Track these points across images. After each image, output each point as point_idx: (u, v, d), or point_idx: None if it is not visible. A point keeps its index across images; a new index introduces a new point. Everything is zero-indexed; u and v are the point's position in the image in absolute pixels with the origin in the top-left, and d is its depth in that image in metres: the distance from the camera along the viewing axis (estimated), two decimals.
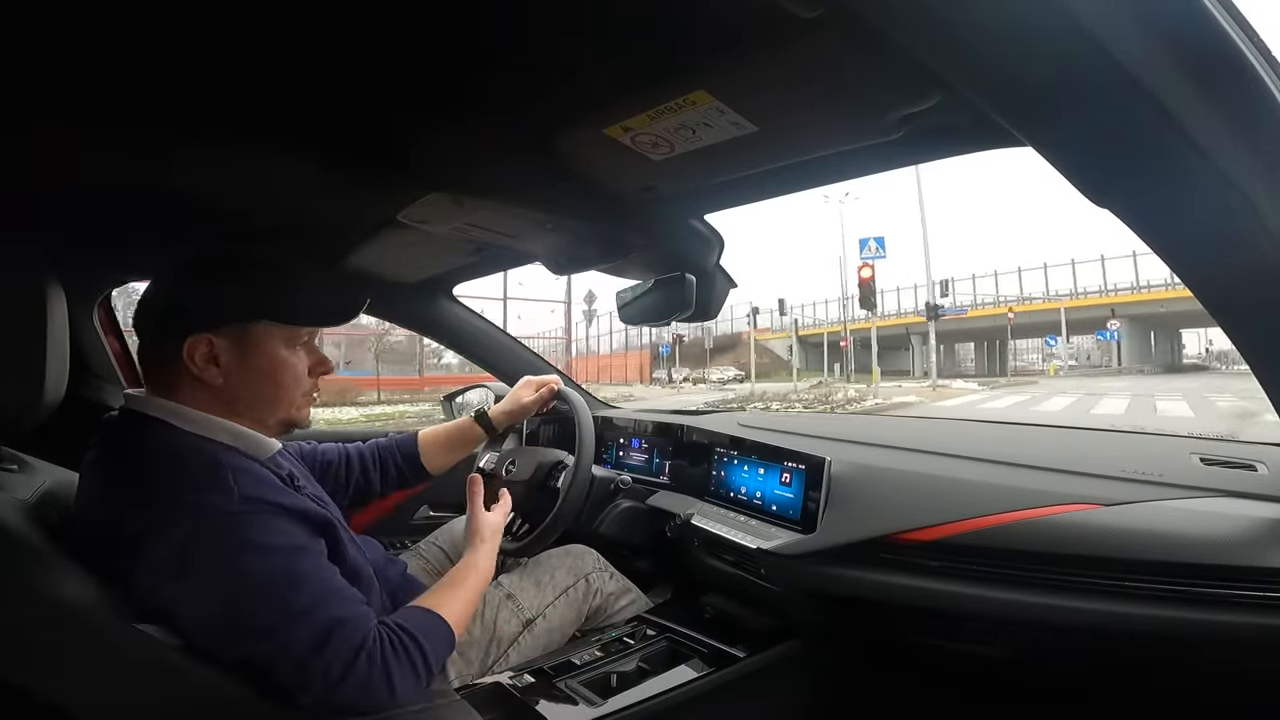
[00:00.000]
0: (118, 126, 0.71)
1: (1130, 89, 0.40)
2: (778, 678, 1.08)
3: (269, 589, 0.61)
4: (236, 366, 0.70)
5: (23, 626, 0.56)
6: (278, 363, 0.72)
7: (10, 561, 0.56)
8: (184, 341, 0.68)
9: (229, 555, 0.60)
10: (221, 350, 0.69)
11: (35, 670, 0.56)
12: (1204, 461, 0.89)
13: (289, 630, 0.61)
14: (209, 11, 0.50)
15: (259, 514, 0.63)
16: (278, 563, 0.62)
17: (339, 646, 0.62)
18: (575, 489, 1.16)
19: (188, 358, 0.68)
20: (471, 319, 1.66)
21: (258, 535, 0.62)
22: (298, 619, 0.61)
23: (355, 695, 0.62)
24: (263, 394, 0.72)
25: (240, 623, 0.60)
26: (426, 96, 0.65)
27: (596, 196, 0.84)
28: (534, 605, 1.07)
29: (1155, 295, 24.28)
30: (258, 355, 0.71)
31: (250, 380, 0.71)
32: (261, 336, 0.71)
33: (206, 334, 0.68)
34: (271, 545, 0.62)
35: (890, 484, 0.99)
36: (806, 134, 0.66)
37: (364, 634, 0.64)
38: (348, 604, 0.66)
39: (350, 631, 0.63)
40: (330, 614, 0.63)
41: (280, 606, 0.61)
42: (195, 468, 0.64)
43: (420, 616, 0.72)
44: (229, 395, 0.70)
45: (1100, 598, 0.78)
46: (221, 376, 0.69)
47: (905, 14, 0.39)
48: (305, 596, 0.62)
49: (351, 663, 0.62)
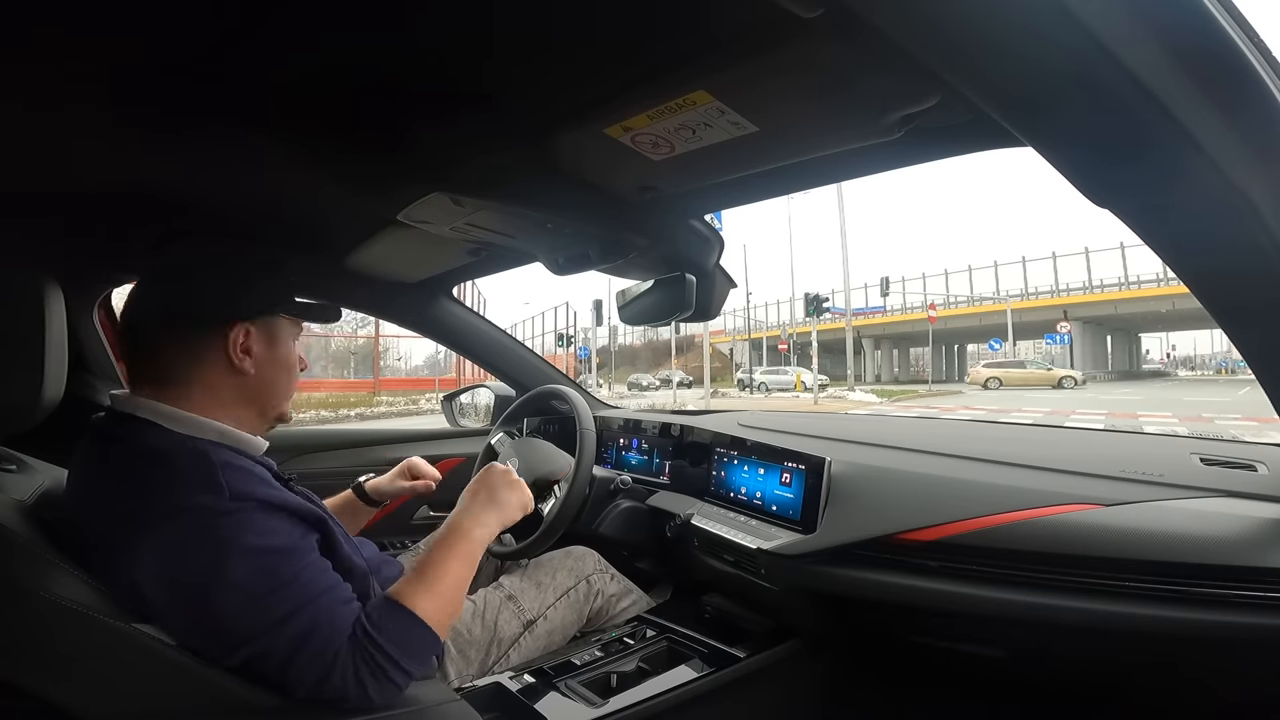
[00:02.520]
0: (118, 126, 0.71)
1: (1130, 89, 0.40)
2: (778, 678, 1.08)
3: (251, 596, 0.60)
4: (266, 356, 0.73)
5: (20, 627, 0.56)
6: (290, 355, 0.77)
7: (8, 562, 0.56)
8: (228, 331, 0.70)
9: (214, 559, 0.59)
10: (255, 340, 0.72)
11: (33, 671, 0.56)
12: (1204, 462, 0.89)
13: (268, 638, 0.60)
14: (209, 11, 0.50)
15: (249, 512, 0.62)
16: (261, 566, 0.61)
17: (311, 656, 0.61)
18: (575, 490, 1.16)
19: (231, 346, 0.70)
20: (471, 319, 1.66)
21: (245, 536, 0.61)
22: (276, 626, 0.61)
23: (336, 698, 0.63)
24: (279, 384, 0.76)
25: (223, 626, 0.60)
26: (427, 96, 0.65)
27: (596, 196, 0.84)
28: (535, 606, 1.07)
29: (1110, 295, 23.63)
30: (280, 346, 0.75)
31: (274, 370, 0.74)
32: (282, 328, 0.76)
33: (245, 323, 0.71)
34: (257, 547, 0.62)
35: (890, 484, 0.99)
36: (806, 134, 0.66)
37: (337, 645, 0.62)
38: (328, 608, 0.64)
39: (322, 644, 0.62)
40: (306, 623, 0.62)
41: (260, 612, 0.60)
42: (183, 467, 0.63)
43: (398, 621, 0.67)
44: (254, 384, 0.72)
45: (1100, 598, 0.78)
46: (254, 366, 0.72)
47: (905, 14, 0.39)
48: (286, 602, 0.61)
49: (324, 675, 0.62)
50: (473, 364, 1.97)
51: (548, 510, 1.18)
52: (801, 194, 8.80)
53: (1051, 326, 23.50)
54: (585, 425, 1.23)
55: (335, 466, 1.58)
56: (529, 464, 1.27)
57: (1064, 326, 22.92)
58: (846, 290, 19.40)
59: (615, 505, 1.28)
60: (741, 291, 29.38)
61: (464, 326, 1.65)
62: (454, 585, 0.75)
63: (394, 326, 2.19)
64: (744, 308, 31.76)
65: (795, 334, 26.66)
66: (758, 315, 35.02)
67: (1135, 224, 0.54)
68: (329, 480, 1.50)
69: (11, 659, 0.56)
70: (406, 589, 0.71)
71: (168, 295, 0.72)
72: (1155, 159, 0.47)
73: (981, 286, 29.83)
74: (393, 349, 20.52)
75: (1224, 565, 0.72)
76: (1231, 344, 0.67)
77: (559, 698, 0.94)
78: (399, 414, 12.10)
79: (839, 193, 18.75)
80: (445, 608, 0.73)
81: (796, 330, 26.92)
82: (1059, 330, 23.06)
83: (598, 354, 22.36)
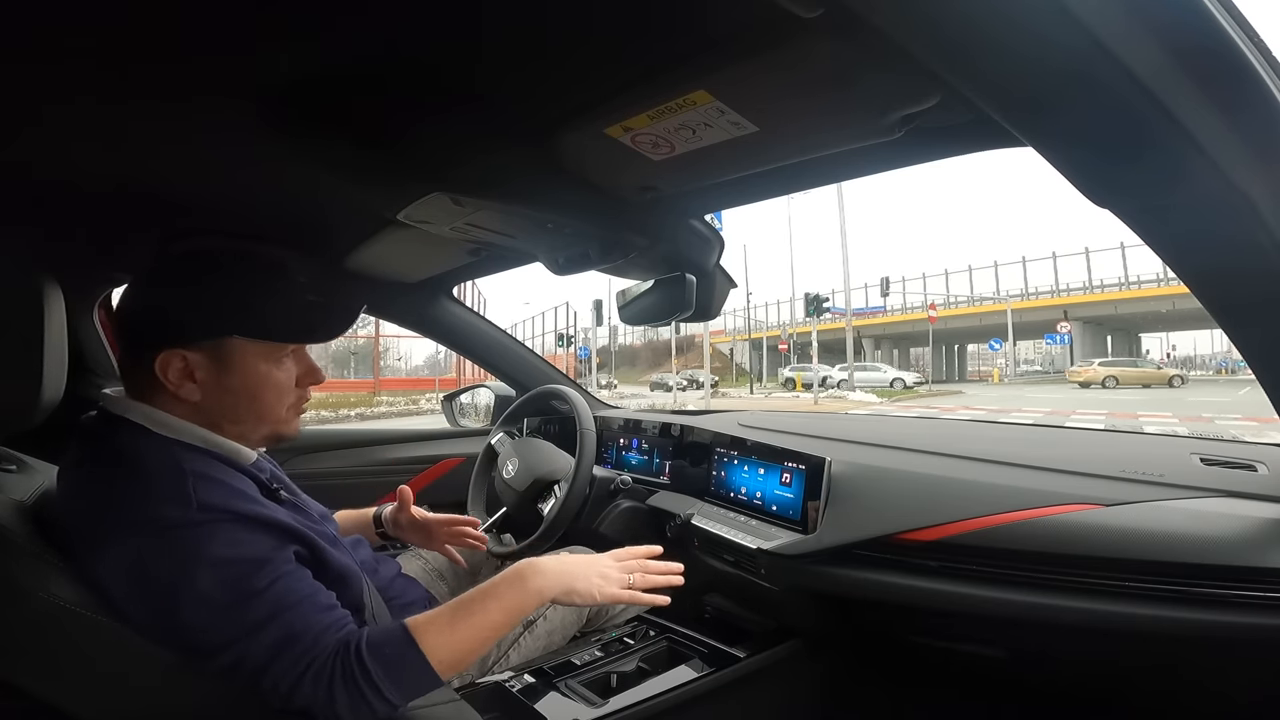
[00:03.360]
0: (118, 125, 0.71)
1: (1131, 89, 0.40)
2: (778, 678, 1.08)
3: (222, 605, 0.58)
4: (213, 383, 0.65)
5: (20, 627, 0.56)
6: (258, 379, 0.67)
7: (8, 562, 0.56)
8: (157, 355, 0.64)
9: (179, 571, 0.58)
10: (197, 365, 0.65)
11: (32, 671, 0.56)
12: (1204, 462, 0.89)
13: (245, 644, 0.59)
14: (208, 10, 0.50)
15: (215, 524, 0.60)
16: (229, 576, 0.59)
17: (286, 664, 0.59)
18: (575, 490, 1.16)
19: (160, 373, 0.64)
20: (471, 319, 1.66)
21: (211, 547, 0.59)
22: (250, 634, 0.59)
23: (305, 707, 0.60)
24: (242, 411, 0.68)
25: (195, 636, 0.58)
26: (427, 96, 0.65)
27: (596, 196, 0.84)
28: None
29: (1110, 295, 23.53)
30: (236, 372, 0.66)
31: (228, 397, 0.66)
32: (239, 351, 0.66)
33: (179, 349, 0.64)
34: (225, 558, 0.59)
35: (890, 484, 0.99)
36: (806, 134, 0.66)
37: (314, 655, 0.60)
38: (305, 616, 0.61)
39: (300, 652, 0.60)
40: (282, 631, 0.60)
41: (235, 620, 0.59)
42: (157, 475, 0.61)
43: (396, 649, 0.63)
44: (207, 410, 0.66)
45: (1100, 598, 0.78)
46: (199, 392, 0.65)
47: (905, 14, 0.39)
48: (259, 610, 0.59)
49: (295, 684, 0.59)
50: (473, 364, 1.97)
51: (548, 510, 1.18)
52: (801, 194, 8.83)
53: (1051, 326, 23.47)
54: (585, 425, 1.23)
55: (335, 466, 1.58)
56: (529, 464, 1.27)
57: (1064, 326, 22.88)
58: (846, 290, 19.38)
59: (615, 505, 1.28)
60: (741, 291, 29.33)
61: (464, 326, 1.65)
62: (482, 632, 0.67)
63: (394, 326, 2.19)
64: (744, 308, 31.78)
65: (795, 334, 26.61)
66: (758, 315, 35.04)
67: (1135, 224, 0.54)
68: (329, 480, 1.51)
69: (11, 659, 0.56)
70: (426, 625, 0.65)
71: (121, 305, 0.69)
72: (1155, 159, 0.47)
73: (981, 286, 29.83)
74: (393, 349, 20.49)
75: (1224, 565, 0.72)
76: (1231, 344, 0.67)
77: (559, 698, 0.94)
78: (399, 414, 12.12)
79: (839, 193, 18.70)
80: (463, 652, 0.66)
81: (796, 330, 26.85)
82: (1059, 330, 23.04)
83: (598, 354, 22.31)
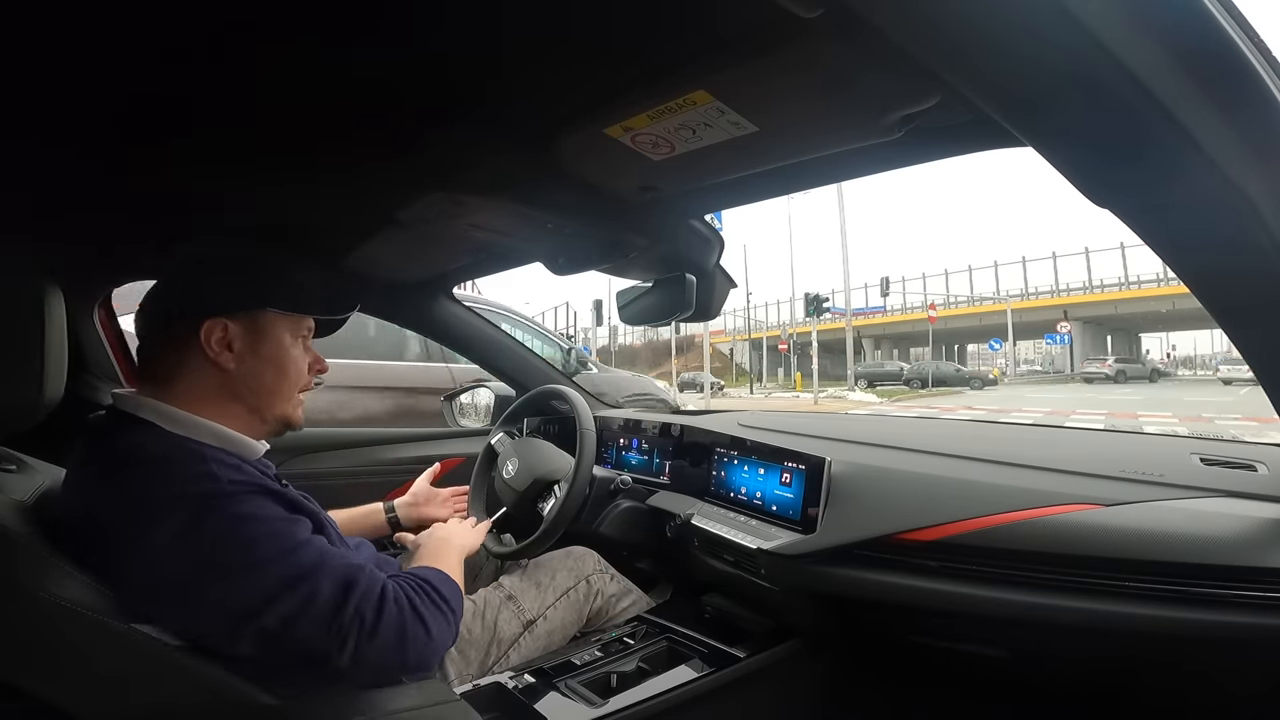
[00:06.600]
0: (118, 126, 0.71)
1: (1130, 89, 0.40)
2: (778, 678, 1.08)
3: (279, 552, 0.62)
4: (249, 352, 0.73)
5: (20, 627, 0.56)
6: (284, 352, 0.76)
7: (8, 562, 0.56)
8: (200, 324, 0.70)
9: (230, 528, 0.61)
10: (235, 335, 0.72)
11: (33, 671, 0.56)
12: (1204, 462, 0.89)
13: (311, 582, 0.62)
14: (208, 9, 0.50)
15: (248, 493, 0.64)
16: (279, 527, 0.64)
17: (365, 592, 0.64)
18: (575, 490, 1.16)
19: (204, 340, 0.70)
20: (471, 319, 1.66)
21: (251, 508, 0.63)
22: (316, 569, 0.63)
23: (393, 642, 0.64)
24: (269, 383, 0.75)
25: (258, 588, 0.60)
26: (427, 96, 0.65)
27: (596, 196, 0.84)
28: (535, 607, 1.07)
29: (1110, 295, 23.55)
30: (268, 342, 0.74)
31: (260, 367, 0.74)
32: (271, 324, 0.75)
33: (222, 318, 0.71)
34: (267, 515, 0.64)
35: (890, 484, 0.99)
36: (806, 134, 0.66)
37: (382, 582, 0.66)
38: (350, 559, 0.68)
39: (370, 580, 0.65)
40: (339, 572, 0.64)
41: (295, 563, 0.62)
42: (178, 462, 0.64)
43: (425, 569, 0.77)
44: (238, 381, 0.72)
45: (1100, 598, 0.78)
46: (235, 361, 0.72)
47: (905, 14, 0.39)
48: (314, 552, 0.64)
49: (380, 609, 0.64)
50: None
51: (548, 510, 1.18)
52: (801, 194, 8.83)
53: (1051, 326, 23.51)
54: (585, 425, 1.23)
55: (335, 467, 1.58)
56: (529, 464, 1.27)
57: (1064, 326, 22.92)
58: (846, 290, 19.40)
59: (615, 505, 1.28)
60: (741, 291, 29.33)
61: (464, 326, 1.65)
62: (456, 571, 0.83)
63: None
64: (744, 308, 31.77)
65: (795, 334, 26.62)
66: (758, 315, 35.03)
67: (1135, 224, 0.54)
68: (329, 480, 1.50)
69: (11, 659, 0.56)
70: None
71: (156, 290, 0.74)
72: (1155, 159, 0.47)
73: (981, 286, 29.83)
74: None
75: (1224, 565, 0.72)
76: (1231, 344, 0.67)
77: (559, 698, 0.94)
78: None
79: (839, 193, 18.75)
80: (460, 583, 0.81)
81: (796, 330, 26.85)
82: (1059, 330, 23.08)
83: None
